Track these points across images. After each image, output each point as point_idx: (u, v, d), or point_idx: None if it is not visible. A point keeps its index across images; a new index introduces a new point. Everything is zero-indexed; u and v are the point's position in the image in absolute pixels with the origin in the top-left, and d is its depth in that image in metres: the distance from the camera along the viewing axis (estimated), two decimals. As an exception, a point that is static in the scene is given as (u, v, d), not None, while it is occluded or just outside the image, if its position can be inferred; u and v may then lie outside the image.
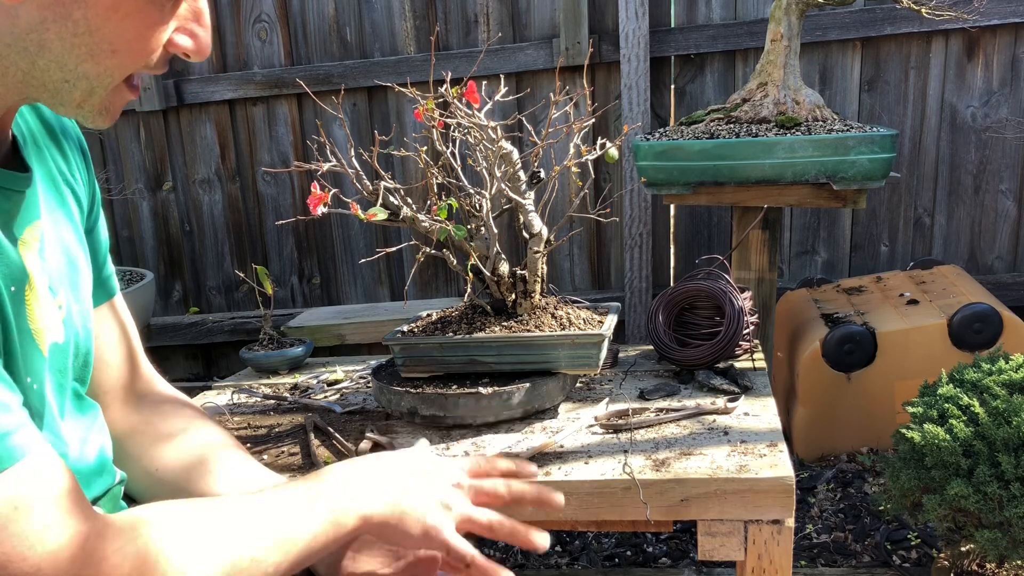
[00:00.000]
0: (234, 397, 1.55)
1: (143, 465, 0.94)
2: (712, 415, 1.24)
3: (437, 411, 1.23)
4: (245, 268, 3.12)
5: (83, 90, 0.67)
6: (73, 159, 0.86)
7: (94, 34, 0.64)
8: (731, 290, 1.42)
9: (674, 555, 2.00)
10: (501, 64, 2.81)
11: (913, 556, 1.89)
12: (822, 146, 1.77)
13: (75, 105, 0.69)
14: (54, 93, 0.68)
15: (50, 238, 0.77)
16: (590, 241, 2.98)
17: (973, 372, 1.48)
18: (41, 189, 0.77)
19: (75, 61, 0.65)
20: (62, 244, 0.79)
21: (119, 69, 0.67)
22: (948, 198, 2.74)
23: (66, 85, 0.67)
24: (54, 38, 0.64)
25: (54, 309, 0.76)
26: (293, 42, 3.00)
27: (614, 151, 1.28)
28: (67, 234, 0.81)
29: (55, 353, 0.76)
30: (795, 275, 2.86)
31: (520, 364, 1.26)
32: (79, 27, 0.63)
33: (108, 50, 0.65)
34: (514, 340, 1.24)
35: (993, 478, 1.32)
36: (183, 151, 3.17)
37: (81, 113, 0.70)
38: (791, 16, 1.86)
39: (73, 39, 0.64)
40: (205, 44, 0.71)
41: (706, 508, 1.05)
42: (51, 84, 0.67)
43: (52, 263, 0.76)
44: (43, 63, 0.65)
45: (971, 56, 2.63)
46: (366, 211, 1.19)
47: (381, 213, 1.20)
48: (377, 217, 1.19)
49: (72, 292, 0.80)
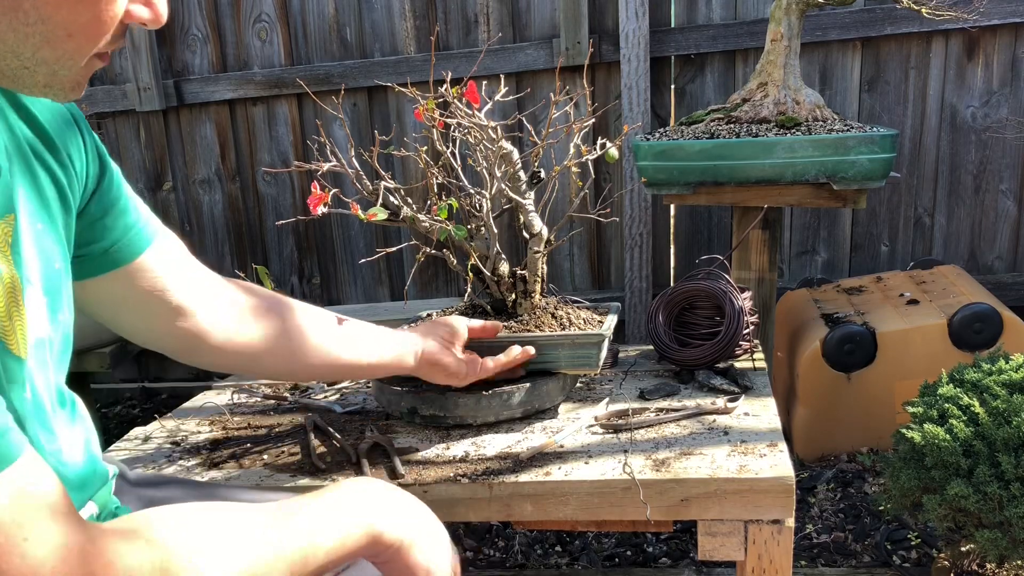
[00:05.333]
0: (234, 397, 1.55)
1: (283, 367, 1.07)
2: (712, 415, 1.24)
3: (437, 411, 1.23)
4: (245, 268, 3.12)
5: (45, 74, 0.66)
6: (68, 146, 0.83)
7: (47, 22, 0.63)
8: (731, 290, 1.42)
9: (674, 555, 2.00)
10: (501, 64, 2.81)
11: (913, 556, 1.90)
12: (822, 146, 1.77)
13: (40, 87, 0.68)
14: (14, 79, 0.67)
15: (25, 232, 0.75)
16: (590, 241, 2.98)
17: (973, 372, 1.48)
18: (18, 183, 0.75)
19: (31, 49, 0.64)
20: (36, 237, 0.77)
21: (78, 51, 0.66)
22: (948, 198, 2.74)
23: (25, 72, 0.66)
24: (6, 29, 0.63)
25: (34, 304, 0.75)
26: (293, 42, 3.00)
27: (614, 151, 1.28)
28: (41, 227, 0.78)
29: (38, 349, 0.75)
30: (795, 275, 2.86)
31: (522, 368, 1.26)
32: (30, 16, 0.62)
33: (64, 35, 0.64)
34: (515, 340, 1.24)
35: (993, 478, 1.32)
36: (183, 151, 3.17)
37: (49, 93, 0.69)
38: (791, 16, 1.86)
39: (26, 28, 0.63)
40: (160, 12, 0.69)
41: (706, 508, 1.05)
42: (9, 72, 0.66)
43: (27, 258, 0.75)
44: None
45: (971, 56, 2.63)
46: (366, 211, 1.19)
47: (381, 213, 1.20)
48: (377, 217, 1.19)
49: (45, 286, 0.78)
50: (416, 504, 0.81)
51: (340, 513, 0.73)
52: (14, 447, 0.59)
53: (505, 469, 1.11)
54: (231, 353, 1.03)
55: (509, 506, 1.09)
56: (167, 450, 1.31)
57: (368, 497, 0.76)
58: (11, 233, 0.73)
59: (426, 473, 1.12)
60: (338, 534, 0.72)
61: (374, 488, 0.78)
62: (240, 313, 1.04)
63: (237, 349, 1.03)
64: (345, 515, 0.73)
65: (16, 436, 0.60)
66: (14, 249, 0.73)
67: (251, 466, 1.21)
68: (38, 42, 0.64)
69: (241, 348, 1.03)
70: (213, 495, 1.01)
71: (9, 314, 0.71)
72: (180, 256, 0.99)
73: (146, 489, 1.01)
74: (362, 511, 0.74)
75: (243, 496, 1.01)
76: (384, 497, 0.78)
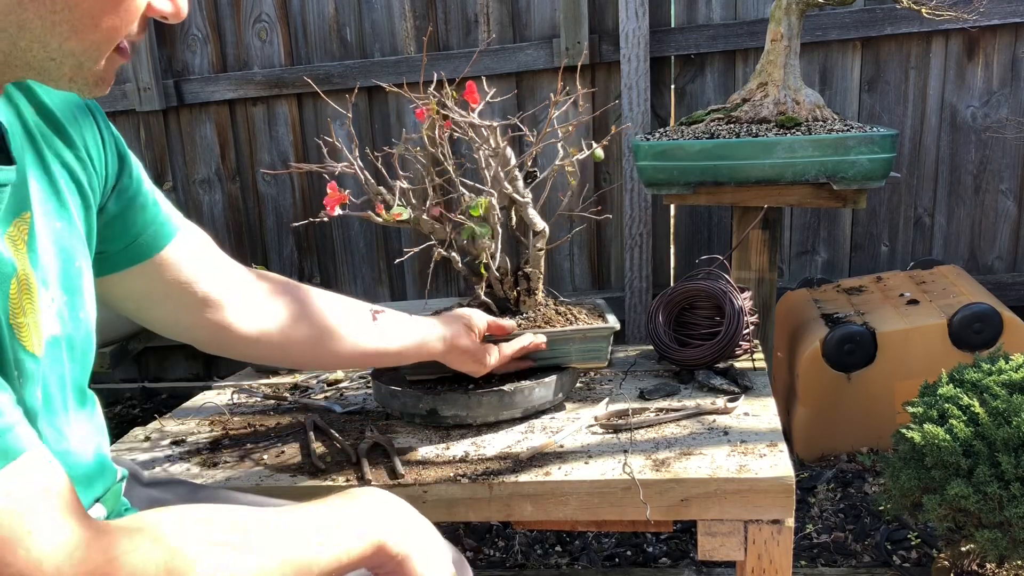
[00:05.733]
0: (234, 397, 1.55)
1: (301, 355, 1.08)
2: (712, 415, 1.24)
3: (460, 411, 1.22)
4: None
5: (71, 66, 0.66)
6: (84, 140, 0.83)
7: (73, 10, 0.63)
8: (731, 290, 1.42)
9: (674, 555, 2.00)
10: (501, 64, 2.82)
11: (913, 556, 1.90)
12: (822, 146, 1.77)
13: (66, 80, 0.68)
14: (40, 72, 0.67)
15: (41, 231, 0.75)
16: (590, 241, 2.98)
17: (973, 372, 1.48)
18: (33, 180, 0.75)
19: (58, 40, 0.64)
20: (55, 236, 0.77)
21: (105, 42, 0.66)
22: (948, 198, 2.74)
23: (52, 63, 0.66)
24: (33, 17, 0.63)
25: (48, 302, 0.74)
26: (293, 42, 3.00)
27: (600, 151, 1.30)
28: (60, 226, 0.78)
29: (52, 347, 0.75)
30: (795, 275, 2.86)
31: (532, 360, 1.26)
32: (57, 4, 0.63)
33: (90, 25, 0.64)
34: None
35: (993, 478, 1.32)
36: (183, 151, 3.17)
37: (74, 87, 0.69)
38: (791, 16, 1.86)
39: (53, 16, 0.63)
40: (182, 6, 0.70)
41: (706, 508, 1.05)
42: (36, 63, 0.66)
43: (44, 256, 0.75)
44: (24, 43, 0.64)
45: (971, 56, 2.63)
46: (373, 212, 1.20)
47: (405, 212, 1.21)
48: (403, 216, 1.20)
49: (64, 284, 0.78)
50: (419, 517, 0.80)
51: (346, 522, 0.73)
52: (21, 442, 0.59)
53: (505, 469, 1.11)
54: (260, 344, 1.04)
55: (509, 506, 1.09)
56: (167, 450, 1.31)
57: (375, 508, 0.76)
58: (27, 231, 0.73)
59: (426, 473, 1.12)
60: (344, 543, 0.71)
61: (381, 499, 0.78)
62: (267, 304, 1.04)
63: (266, 339, 1.04)
64: (351, 524, 0.73)
65: (22, 431, 0.60)
66: (30, 247, 0.73)
67: (251, 466, 1.21)
68: (65, 31, 0.64)
69: (269, 338, 1.04)
70: (216, 497, 1.01)
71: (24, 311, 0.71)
72: (205, 248, 0.99)
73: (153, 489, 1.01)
74: (369, 521, 0.74)
75: (247, 499, 1.01)
76: (390, 508, 0.77)
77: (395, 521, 0.76)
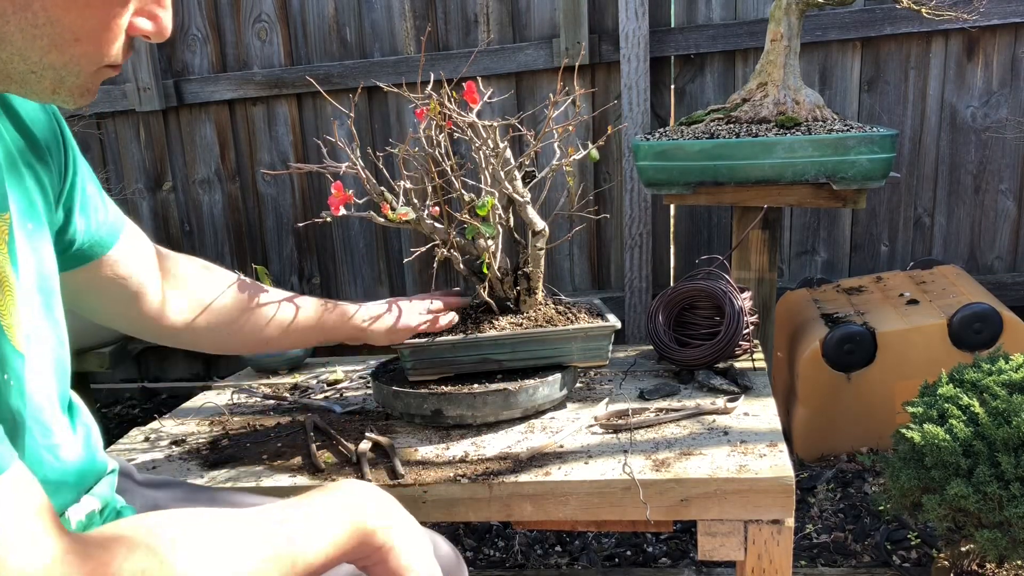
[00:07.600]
0: (234, 397, 1.55)
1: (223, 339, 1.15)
2: (712, 415, 1.24)
3: (464, 411, 1.22)
4: (245, 268, 3.11)
5: (52, 79, 0.67)
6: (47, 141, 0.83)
7: (55, 24, 0.63)
8: (731, 290, 1.42)
9: (674, 555, 2.00)
10: (501, 64, 2.82)
11: (913, 556, 1.90)
12: (822, 146, 1.77)
13: (48, 93, 0.68)
14: (21, 84, 0.67)
15: (19, 232, 0.75)
16: (590, 241, 2.98)
17: (973, 372, 1.48)
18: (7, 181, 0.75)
19: (39, 53, 0.64)
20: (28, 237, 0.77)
21: (85, 58, 0.66)
22: (948, 198, 2.75)
23: (33, 76, 0.66)
24: (14, 30, 0.63)
25: (26, 302, 0.75)
26: (293, 42, 3.00)
27: (595, 152, 1.30)
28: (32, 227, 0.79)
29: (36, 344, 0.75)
30: (795, 275, 2.86)
31: (534, 359, 1.26)
32: (39, 18, 0.63)
33: (71, 39, 0.65)
34: (529, 336, 1.25)
35: (993, 478, 1.32)
36: (183, 151, 3.17)
37: (57, 99, 0.69)
38: (791, 16, 1.86)
39: (34, 30, 0.63)
40: (165, 26, 0.70)
41: (706, 508, 1.05)
42: (16, 76, 0.66)
43: (21, 256, 0.75)
44: (5, 55, 0.64)
45: (971, 56, 2.63)
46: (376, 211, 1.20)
47: (411, 212, 1.21)
48: (409, 216, 1.21)
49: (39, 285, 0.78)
50: (399, 506, 0.80)
51: (330, 514, 0.73)
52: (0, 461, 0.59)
53: (505, 469, 1.11)
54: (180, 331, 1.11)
55: (509, 506, 1.09)
56: (167, 450, 1.31)
57: (357, 498, 0.76)
58: (7, 231, 0.73)
59: (426, 473, 1.12)
60: (329, 535, 0.72)
61: (363, 489, 0.78)
62: (188, 293, 1.11)
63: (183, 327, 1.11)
64: (335, 516, 0.73)
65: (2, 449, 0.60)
66: (10, 247, 0.73)
67: (251, 466, 1.21)
68: (45, 45, 0.64)
69: (186, 326, 1.11)
70: (215, 498, 1.01)
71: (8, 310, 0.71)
72: (139, 242, 1.03)
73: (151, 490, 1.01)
74: (352, 512, 0.74)
75: (247, 499, 1.01)
76: (373, 498, 0.78)
77: (378, 511, 0.76)
